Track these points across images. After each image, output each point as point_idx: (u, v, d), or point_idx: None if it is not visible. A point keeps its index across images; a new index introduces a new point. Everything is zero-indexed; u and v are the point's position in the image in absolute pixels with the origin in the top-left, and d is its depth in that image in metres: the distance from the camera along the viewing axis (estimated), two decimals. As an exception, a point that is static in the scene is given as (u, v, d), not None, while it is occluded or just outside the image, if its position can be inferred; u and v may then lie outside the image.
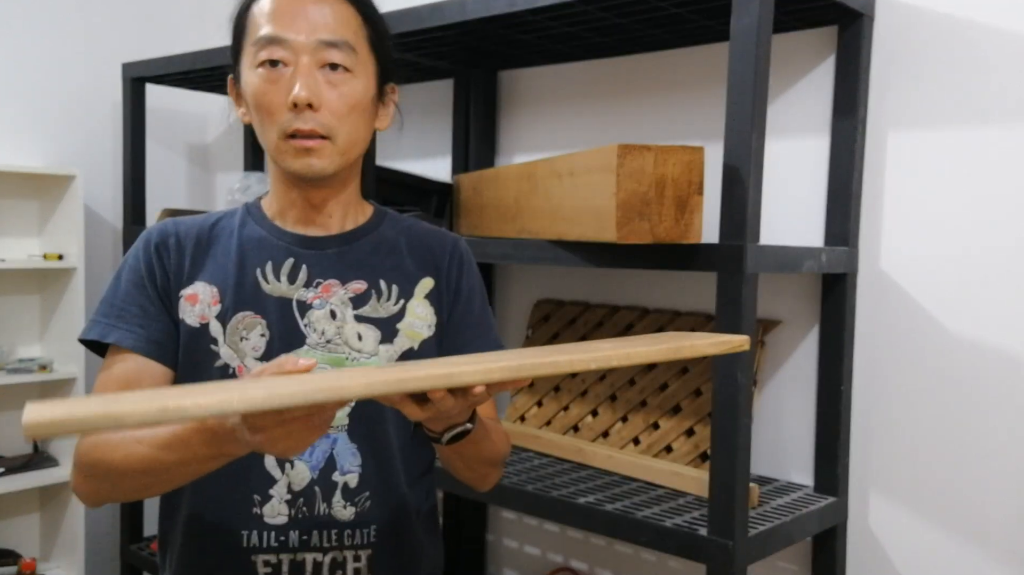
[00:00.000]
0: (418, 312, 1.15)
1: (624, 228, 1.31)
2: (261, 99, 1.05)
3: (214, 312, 1.09)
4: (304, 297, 1.11)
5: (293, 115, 1.04)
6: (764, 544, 1.41)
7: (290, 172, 1.08)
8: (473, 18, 1.64)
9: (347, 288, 1.13)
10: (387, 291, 1.15)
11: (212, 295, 1.09)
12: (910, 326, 1.56)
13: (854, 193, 1.58)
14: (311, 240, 1.14)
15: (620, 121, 1.93)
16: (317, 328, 1.10)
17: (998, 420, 1.48)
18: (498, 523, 2.21)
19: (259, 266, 1.11)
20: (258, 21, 1.06)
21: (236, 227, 1.14)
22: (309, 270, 1.12)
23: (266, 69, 1.05)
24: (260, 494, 1.08)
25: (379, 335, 1.13)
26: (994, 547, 1.49)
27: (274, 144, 1.07)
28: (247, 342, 1.08)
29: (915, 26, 1.54)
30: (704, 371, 1.69)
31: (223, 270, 1.11)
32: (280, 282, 1.11)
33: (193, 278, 1.10)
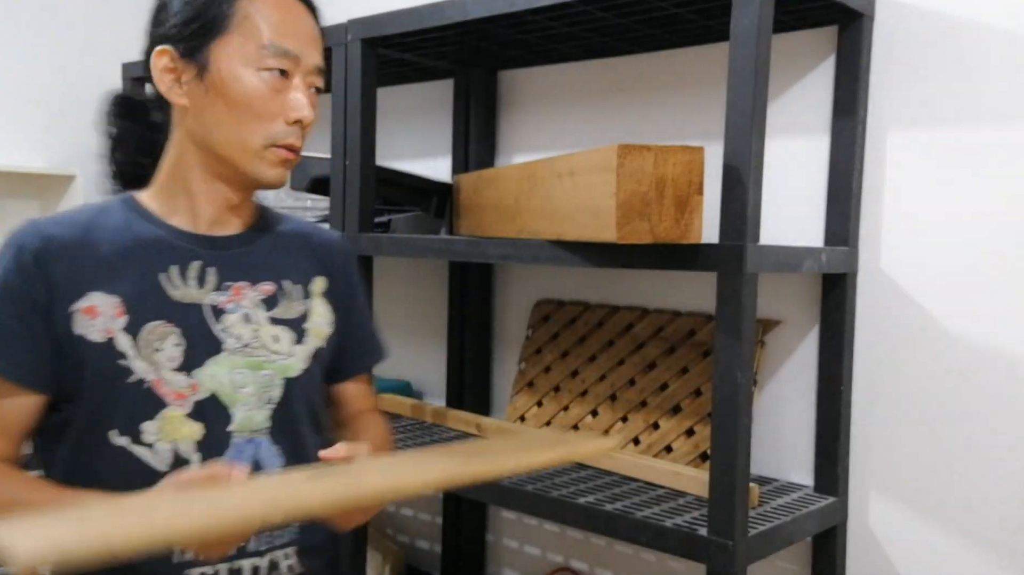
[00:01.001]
0: (320, 311, 1.17)
1: (624, 228, 1.31)
2: (258, 103, 1.03)
3: (120, 324, 1.02)
4: (216, 301, 1.07)
5: (289, 129, 1.05)
6: (764, 544, 1.41)
7: (257, 179, 1.06)
8: (473, 18, 1.64)
9: (257, 289, 1.11)
10: (292, 291, 1.15)
11: (114, 306, 1.02)
12: (910, 326, 1.56)
13: (854, 193, 1.58)
14: (213, 240, 1.09)
15: (620, 121, 1.94)
16: (233, 333, 1.08)
17: (998, 420, 1.48)
18: (498, 523, 2.21)
19: (161, 271, 1.05)
20: (260, 23, 1.04)
21: (121, 227, 1.06)
22: (218, 272, 1.09)
23: (272, 76, 1.04)
24: None
25: (293, 336, 1.13)
26: (993, 547, 1.49)
27: (253, 149, 1.04)
28: (162, 353, 1.03)
29: (915, 26, 1.54)
30: (704, 371, 1.69)
31: (120, 277, 1.03)
32: (189, 287, 1.07)
33: (85, 288, 1.01)
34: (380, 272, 2.37)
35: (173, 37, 1.04)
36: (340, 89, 1.89)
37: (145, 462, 1.02)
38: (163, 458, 1.03)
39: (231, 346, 1.07)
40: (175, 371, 1.03)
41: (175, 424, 1.03)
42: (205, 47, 1.03)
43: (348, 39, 1.87)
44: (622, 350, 1.84)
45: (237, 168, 1.06)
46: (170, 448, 1.03)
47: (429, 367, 2.33)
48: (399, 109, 2.37)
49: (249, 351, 1.08)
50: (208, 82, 1.03)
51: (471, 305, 2.16)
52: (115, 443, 1.02)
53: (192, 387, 1.04)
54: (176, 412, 1.03)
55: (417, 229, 2.03)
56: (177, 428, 1.03)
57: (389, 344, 2.38)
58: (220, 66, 1.03)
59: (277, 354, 1.11)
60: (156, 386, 1.02)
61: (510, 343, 2.15)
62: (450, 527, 2.23)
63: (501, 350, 2.18)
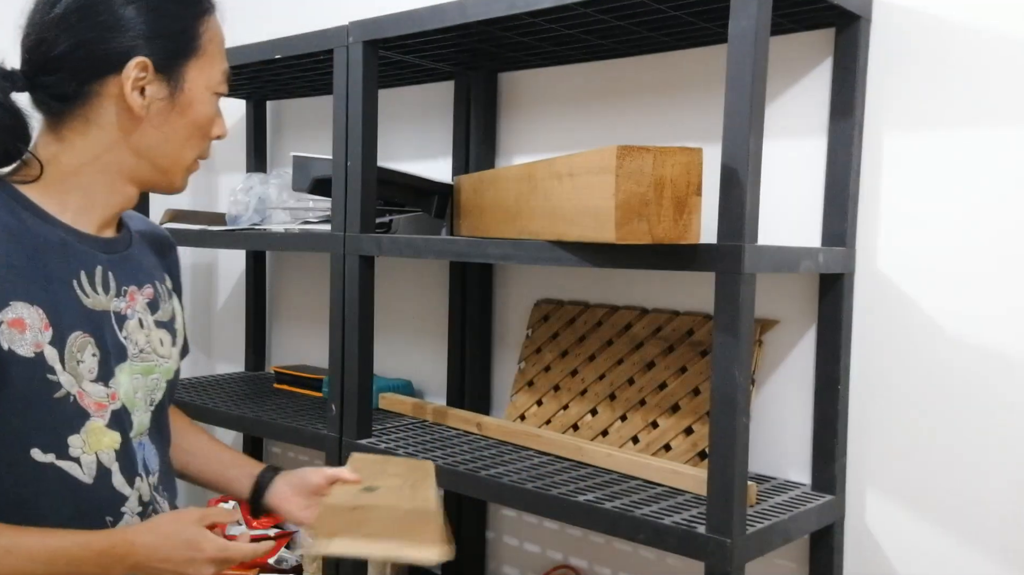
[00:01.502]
0: (177, 308, 1.19)
1: (623, 229, 1.32)
2: (208, 124, 1.08)
3: (47, 338, 0.97)
4: (118, 308, 1.07)
5: (209, 145, 1.11)
6: (762, 542, 1.42)
7: (175, 188, 1.10)
8: (473, 20, 1.65)
9: (143, 293, 1.11)
10: (163, 293, 1.16)
11: (40, 318, 0.97)
12: (907, 326, 1.58)
13: (851, 194, 1.59)
14: (105, 243, 1.07)
15: (619, 123, 1.95)
16: (133, 339, 1.08)
17: (995, 419, 1.49)
18: (498, 521, 2.22)
19: (72, 277, 1.02)
20: (217, 48, 1.09)
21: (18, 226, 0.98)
22: (115, 277, 1.07)
23: (216, 99, 1.09)
24: (112, 515, 1.04)
25: (171, 338, 1.15)
26: (991, 545, 1.50)
27: (188, 162, 1.09)
28: (83, 365, 1.01)
29: (912, 29, 1.55)
30: (703, 370, 1.70)
31: (35, 284, 0.97)
32: (98, 294, 1.04)
33: (6, 298, 0.95)
34: (381, 272, 2.38)
35: (147, 49, 1.02)
36: (341, 91, 1.90)
37: (73, 476, 1.00)
38: (89, 470, 1.01)
39: (132, 352, 1.07)
40: (93, 382, 1.02)
41: (98, 435, 1.02)
42: (181, 66, 1.05)
43: (349, 41, 1.88)
44: (621, 349, 1.85)
45: (167, 178, 1.09)
46: (94, 460, 1.02)
47: (430, 366, 2.34)
48: (400, 111, 2.38)
49: (143, 356, 1.09)
50: (177, 101, 1.05)
51: (471, 305, 2.18)
52: (39, 460, 0.98)
53: (111, 396, 1.04)
54: (98, 423, 1.02)
55: (418, 229, 2.05)
56: (99, 439, 1.02)
57: (391, 343, 2.38)
58: (192, 88, 1.06)
59: (163, 357, 1.13)
60: (80, 398, 1.00)
61: (510, 343, 2.16)
62: (450, 525, 2.24)
63: (501, 350, 2.19)
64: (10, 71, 1.02)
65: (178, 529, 0.99)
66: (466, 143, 2.18)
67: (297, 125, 2.69)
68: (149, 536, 0.99)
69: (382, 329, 2.36)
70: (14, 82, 1.01)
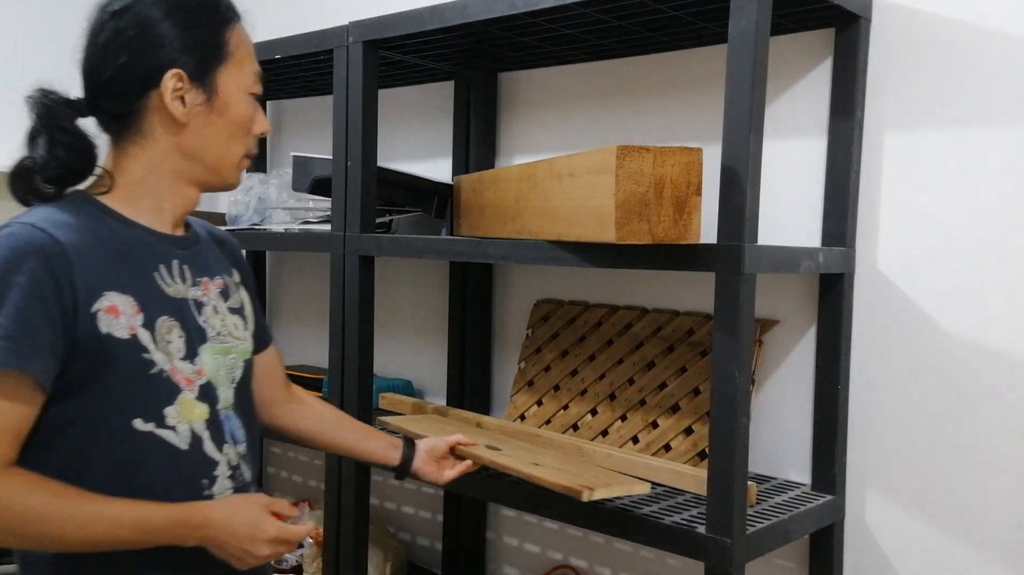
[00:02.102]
0: (245, 298, 1.32)
1: (623, 229, 1.32)
2: (248, 123, 1.20)
3: (139, 321, 1.10)
4: (195, 296, 1.20)
5: (255, 142, 1.22)
6: (762, 542, 1.42)
7: (229, 184, 1.23)
8: (473, 20, 1.65)
9: (215, 283, 1.24)
10: (231, 284, 1.29)
11: (131, 305, 1.10)
12: (907, 325, 1.58)
13: (851, 194, 1.59)
14: (178, 240, 1.21)
15: (619, 122, 1.95)
16: (211, 323, 1.21)
17: (995, 418, 1.49)
18: (498, 521, 2.22)
19: (153, 270, 1.15)
20: (246, 53, 1.19)
21: (105, 230, 1.12)
22: (190, 269, 1.20)
23: (253, 99, 1.20)
24: (207, 478, 1.16)
25: (243, 322, 1.28)
26: (990, 544, 1.50)
27: (236, 159, 1.20)
28: (172, 345, 1.14)
29: (912, 28, 1.55)
30: (702, 370, 1.70)
31: (124, 278, 1.10)
32: (178, 284, 1.18)
33: (100, 289, 1.07)
34: (381, 272, 2.38)
35: (184, 62, 1.14)
36: (341, 91, 1.90)
37: (171, 443, 1.12)
38: (184, 438, 1.14)
39: (211, 335, 1.20)
40: (182, 360, 1.15)
41: (189, 407, 1.14)
42: (213, 72, 1.16)
43: (349, 41, 1.88)
44: (621, 349, 1.85)
45: (219, 176, 1.20)
46: (188, 428, 1.14)
47: (430, 366, 2.34)
48: (400, 111, 2.38)
49: (221, 339, 1.22)
50: (214, 104, 1.16)
51: (471, 305, 2.18)
52: (140, 429, 1.10)
53: (197, 373, 1.16)
54: (189, 396, 1.15)
55: (418, 229, 2.05)
56: (191, 410, 1.15)
57: (391, 343, 2.38)
58: (226, 91, 1.17)
59: (238, 339, 1.25)
60: (172, 374, 1.13)
61: (510, 343, 2.16)
62: (451, 524, 2.24)
63: (501, 349, 2.19)
64: (74, 100, 1.17)
65: (246, 510, 1.12)
66: (466, 143, 2.18)
67: (297, 125, 2.69)
68: (221, 512, 1.11)
69: (382, 329, 2.36)
70: (77, 109, 1.16)
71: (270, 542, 1.11)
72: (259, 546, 1.11)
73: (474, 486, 1.67)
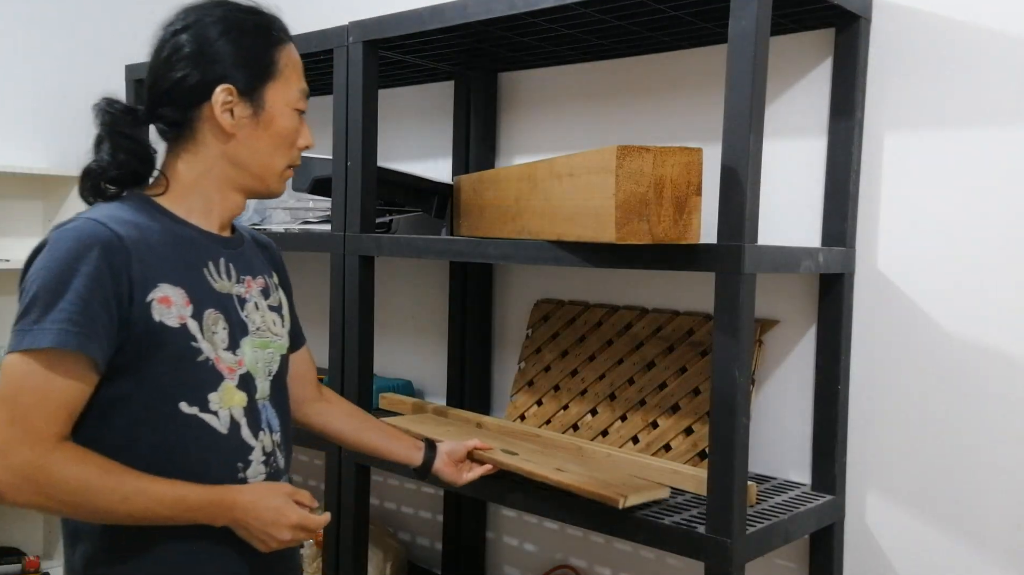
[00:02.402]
0: (283, 298, 1.40)
1: (623, 229, 1.32)
2: (292, 136, 1.28)
3: (189, 312, 1.19)
4: (239, 292, 1.28)
5: (298, 154, 1.31)
6: (762, 542, 1.42)
7: (272, 193, 1.31)
8: (473, 20, 1.65)
9: (257, 282, 1.33)
10: (271, 284, 1.37)
11: (182, 296, 1.19)
12: (907, 325, 1.58)
13: (851, 194, 1.59)
14: (225, 240, 1.30)
15: (619, 122, 1.95)
16: (252, 318, 1.29)
17: (994, 418, 1.49)
18: (498, 521, 2.22)
19: (203, 266, 1.24)
20: (293, 71, 1.28)
21: (159, 226, 1.21)
22: (235, 268, 1.29)
23: (298, 114, 1.29)
24: (242, 461, 1.23)
25: (281, 320, 1.37)
26: (990, 544, 1.50)
27: (279, 169, 1.29)
28: (217, 335, 1.22)
29: (912, 28, 1.55)
30: (702, 370, 1.70)
31: (177, 271, 1.20)
32: (224, 280, 1.26)
33: (154, 281, 1.16)
34: (381, 272, 2.39)
35: (234, 77, 1.23)
36: (341, 91, 1.90)
37: (212, 427, 1.20)
38: (224, 423, 1.22)
39: (251, 329, 1.28)
40: (226, 350, 1.23)
41: (230, 394, 1.23)
42: (261, 88, 1.25)
43: (349, 41, 1.88)
44: (621, 350, 1.85)
45: (264, 184, 1.29)
46: (228, 414, 1.22)
47: (430, 366, 2.34)
48: (400, 111, 2.38)
49: (261, 333, 1.30)
50: (260, 118, 1.25)
51: (471, 305, 2.18)
52: (186, 412, 1.18)
53: (238, 363, 1.25)
54: (230, 384, 1.23)
55: (418, 229, 2.05)
56: (231, 397, 1.23)
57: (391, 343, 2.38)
58: (272, 106, 1.25)
59: (276, 335, 1.34)
60: (216, 363, 1.21)
61: (510, 343, 2.16)
62: (451, 524, 2.24)
63: (501, 350, 2.19)
64: (132, 108, 1.25)
65: (272, 496, 1.21)
66: (466, 143, 2.18)
67: (297, 125, 2.69)
68: (249, 496, 1.19)
69: (382, 329, 2.36)
70: (136, 117, 1.25)
71: (292, 528, 1.20)
72: (282, 531, 1.19)
73: (474, 486, 1.67)
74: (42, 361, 1.10)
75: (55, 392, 1.11)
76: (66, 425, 1.12)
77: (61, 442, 1.12)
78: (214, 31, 1.23)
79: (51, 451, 1.10)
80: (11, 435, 1.09)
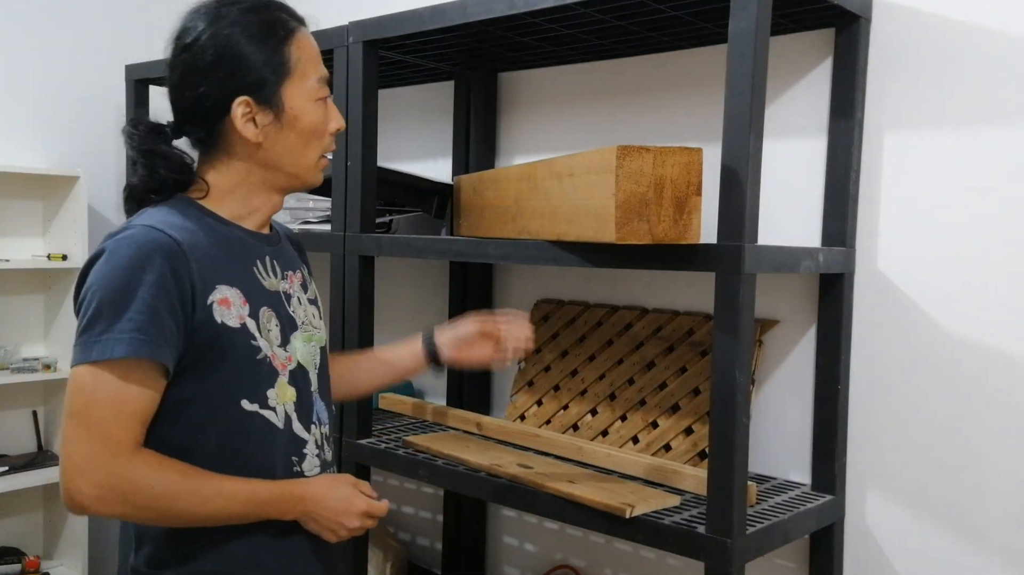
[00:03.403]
0: (316, 291, 1.41)
1: (623, 229, 1.32)
2: (320, 127, 1.26)
3: (246, 311, 1.20)
4: (285, 288, 1.29)
5: (332, 139, 1.28)
6: (762, 542, 1.42)
7: (312, 184, 1.29)
8: (473, 20, 1.65)
9: (297, 277, 1.34)
10: (308, 277, 1.39)
11: (239, 296, 1.20)
12: (907, 325, 1.58)
13: (851, 194, 1.59)
14: (266, 238, 1.30)
15: (619, 122, 1.95)
16: (298, 314, 1.30)
17: (994, 418, 1.49)
18: (498, 521, 2.22)
19: (252, 265, 1.25)
20: (308, 62, 1.24)
21: (207, 230, 1.21)
22: (278, 264, 1.30)
23: (322, 103, 1.26)
24: (297, 455, 1.26)
25: (319, 312, 1.38)
26: (990, 544, 1.50)
27: (313, 162, 1.27)
28: (271, 333, 1.23)
29: (912, 28, 1.55)
30: (702, 370, 1.70)
31: (231, 272, 1.20)
32: (272, 278, 1.27)
33: (213, 283, 1.17)
34: (381, 272, 2.39)
35: (248, 88, 1.20)
36: (342, 91, 1.90)
37: (271, 422, 1.22)
38: (281, 418, 1.23)
39: (299, 323, 1.30)
40: (279, 347, 1.24)
41: (284, 390, 1.24)
42: (278, 92, 1.22)
43: (349, 41, 1.88)
44: (621, 349, 1.85)
45: (301, 180, 1.28)
46: (283, 409, 1.24)
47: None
48: (400, 111, 2.38)
49: (306, 327, 1.31)
50: (283, 120, 1.23)
51: (471, 305, 2.18)
52: (247, 409, 1.20)
53: (289, 359, 1.26)
54: (283, 380, 1.24)
55: (418, 229, 2.05)
56: (285, 393, 1.24)
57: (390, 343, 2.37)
58: (292, 105, 1.23)
59: (316, 328, 1.35)
60: (272, 360, 1.23)
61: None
62: (451, 525, 2.24)
63: (501, 350, 2.19)
64: (163, 125, 1.26)
65: (339, 486, 1.25)
66: (466, 143, 2.18)
67: (297, 125, 2.69)
68: (318, 488, 1.23)
69: (382, 329, 2.36)
70: (161, 133, 1.25)
71: (360, 515, 1.24)
72: (351, 519, 1.24)
73: (474, 486, 1.67)
74: (115, 371, 1.10)
75: (129, 401, 1.11)
76: (140, 433, 1.13)
77: (139, 450, 1.13)
78: (222, 42, 1.20)
79: (131, 460, 1.11)
80: (91, 449, 1.09)
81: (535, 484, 1.57)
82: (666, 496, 1.51)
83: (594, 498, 1.47)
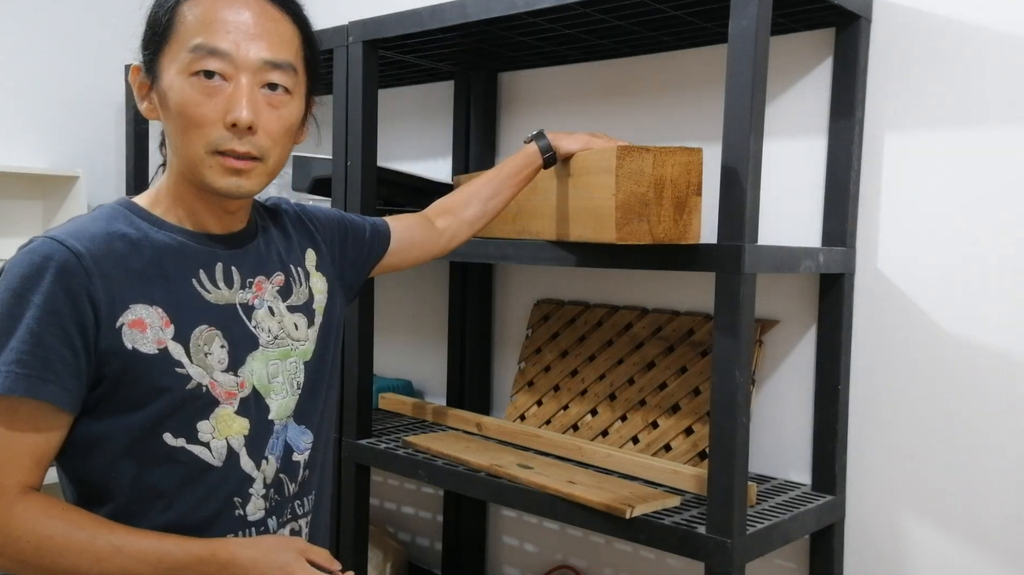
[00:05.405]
0: (317, 286, 1.22)
1: (623, 229, 1.32)
2: (192, 110, 1.00)
3: (169, 334, 1.02)
4: (245, 299, 1.10)
5: (229, 135, 1.01)
6: (762, 542, 1.42)
7: (211, 188, 1.04)
8: (473, 20, 1.65)
9: (272, 282, 1.14)
10: (298, 277, 1.19)
11: (160, 317, 1.02)
12: (907, 325, 1.58)
13: (851, 194, 1.59)
14: (227, 239, 1.11)
15: (619, 123, 1.95)
16: (264, 327, 1.12)
17: (994, 418, 1.49)
18: (498, 521, 2.22)
19: (191, 276, 1.06)
20: (192, 25, 1.01)
21: (138, 236, 1.04)
22: (239, 271, 1.10)
23: (200, 79, 1.00)
24: (240, 496, 1.08)
25: (306, 320, 1.18)
26: (990, 545, 1.50)
27: (198, 157, 1.02)
28: (212, 356, 1.06)
29: (912, 28, 1.55)
30: (703, 371, 1.70)
31: (155, 287, 1.03)
32: (220, 289, 1.08)
33: (126, 302, 1.00)
34: (381, 272, 2.38)
35: (142, 53, 1.05)
36: (341, 91, 1.90)
37: (203, 459, 1.05)
38: (219, 454, 1.06)
39: (264, 340, 1.11)
40: (224, 372, 1.07)
41: (227, 422, 1.07)
42: (157, 59, 1.03)
43: (349, 41, 1.88)
44: (621, 350, 1.85)
45: (195, 177, 1.04)
46: (224, 444, 1.07)
47: (430, 366, 2.34)
48: (400, 110, 2.38)
49: (279, 343, 1.13)
50: (160, 94, 1.03)
51: (471, 305, 2.18)
52: (172, 444, 1.03)
53: (240, 385, 1.08)
54: (227, 410, 1.07)
55: (418, 229, 2.04)
56: (229, 425, 1.07)
57: (391, 343, 2.37)
58: (164, 77, 1.02)
59: (298, 341, 1.15)
60: (212, 388, 1.05)
61: (510, 343, 2.16)
62: (451, 525, 2.24)
63: (501, 350, 2.19)
64: None
65: (279, 551, 1.03)
66: (466, 143, 2.18)
67: (297, 125, 2.69)
68: (251, 551, 1.02)
69: (382, 329, 2.36)
70: None
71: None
72: None
73: (474, 486, 1.67)
74: None
75: (12, 440, 0.97)
76: (31, 473, 0.98)
77: (25, 495, 0.97)
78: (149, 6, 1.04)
79: (11, 505, 0.96)
80: None
81: (535, 484, 1.57)
82: (666, 496, 1.51)
83: (594, 498, 1.47)
